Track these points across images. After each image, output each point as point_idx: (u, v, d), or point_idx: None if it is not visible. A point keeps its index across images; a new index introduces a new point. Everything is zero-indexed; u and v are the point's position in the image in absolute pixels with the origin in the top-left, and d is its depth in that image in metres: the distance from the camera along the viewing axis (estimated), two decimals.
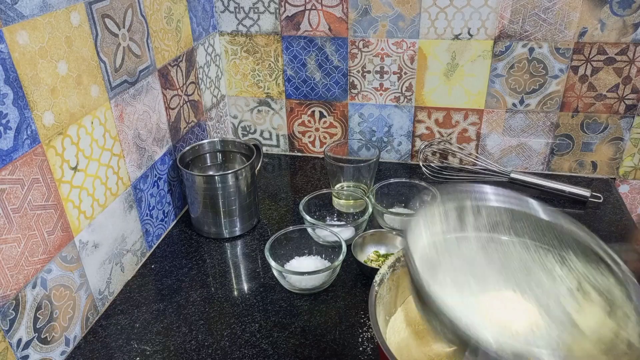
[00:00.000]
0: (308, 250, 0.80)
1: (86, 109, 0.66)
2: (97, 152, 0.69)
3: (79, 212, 0.66)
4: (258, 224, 0.91)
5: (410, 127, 1.05)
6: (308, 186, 1.02)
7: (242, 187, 0.84)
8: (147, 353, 0.66)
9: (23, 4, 0.54)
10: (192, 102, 0.95)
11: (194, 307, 0.73)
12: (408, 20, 0.94)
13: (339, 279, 0.77)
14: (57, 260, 0.63)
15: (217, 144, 0.93)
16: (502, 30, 0.92)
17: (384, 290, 0.55)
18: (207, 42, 0.99)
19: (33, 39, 0.56)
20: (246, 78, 1.08)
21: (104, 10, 0.67)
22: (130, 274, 0.79)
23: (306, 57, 1.03)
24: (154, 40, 0.80)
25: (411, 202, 0.91)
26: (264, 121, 1.12)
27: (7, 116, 0.53)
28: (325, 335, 0.68)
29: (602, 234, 0.85)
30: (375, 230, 0.83)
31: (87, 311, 0.70)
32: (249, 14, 1.00)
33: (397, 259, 0.58)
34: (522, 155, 1.03)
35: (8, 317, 0.56)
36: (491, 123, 1.01)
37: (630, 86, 0.92)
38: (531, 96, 0.97)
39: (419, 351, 0.59)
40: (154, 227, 0.85)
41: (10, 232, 0.55)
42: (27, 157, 0.56)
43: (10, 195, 0.55)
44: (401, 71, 1.00)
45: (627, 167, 1.00)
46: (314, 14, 0.98)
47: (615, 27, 0.88)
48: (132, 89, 0.75)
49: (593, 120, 0.97)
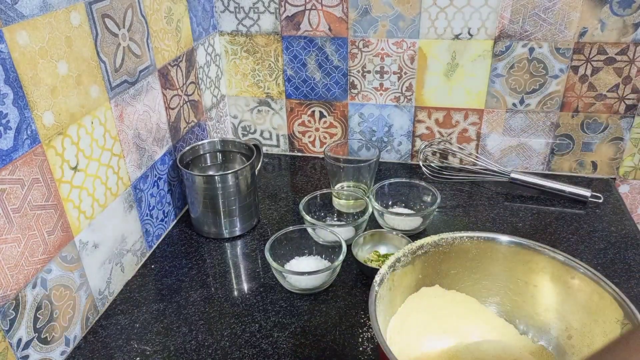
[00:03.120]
0: (308, 250, 0.80)
1: (86, 109, 0.66)
2: (97, 152, 0.69)
3: (79, 212, 0.66)
4: (258, 224, 0.91)
5: (410, 127, 1.05)
6: (308, 186, 1.01)
7: (242, 187, 0.84)
8: (147, 353, 0.66)
9: (23, 4, 0.54)
10: (192, 102, 0.95)
11: (194, 307, 0.73)
12: (408, 20, 0.94)
13: (339, 279, 0.77)
14: (57, 260, 0.63)
15: (217, 144, 0.93)
16: (502, 30, 0.92)
17: (384, 290, 0.55)
18: (207, 42, 0.99)
19: (33, 39, 0.56)
20: (246, 78, 1.08)
21: (104, 10, 0.67)
22: (130, 274, 0.79)
23: (306, 57, 1.03)
24: (154, 40, 0.80)
25: (411, 202, 0.91)
26: (264, 121, 1.12)
27: (7, 116, 0.53)
28: (325, 335, 0.68)
29: (602, 234, 0.86)
30: (375, 230, 0.83)
31: (87, 311, 0.70)
32: (249, 14, 1.00)
33: (397, 259, 0.58)
34: (522, 155, 1.03)
35: (8, 317, 0.56)
36: (491, 123, 1.01)
37: (630, 86, 0.92)
38: (531, 96, 0.97)
39: (420, 351, 0.59)
40: (154, 227, 0.85)
41: (10, 232, 0.55)
42: (27, 157, 0.56)
43: (10, 195, 0.55)
44: (401, 71, 1.00)
45: (627, 167, 1.00)
46: (314, 14, 0.98)
47: (616, 27, 0.88)
48: (132, 89, 0.75)
49: (593, 120, 0.97)
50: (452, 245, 0.61)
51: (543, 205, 0.94)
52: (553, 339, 0.59)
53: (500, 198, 0.96)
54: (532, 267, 0.60)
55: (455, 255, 0.62)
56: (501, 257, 0.61)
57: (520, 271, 0.61)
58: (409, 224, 0.85)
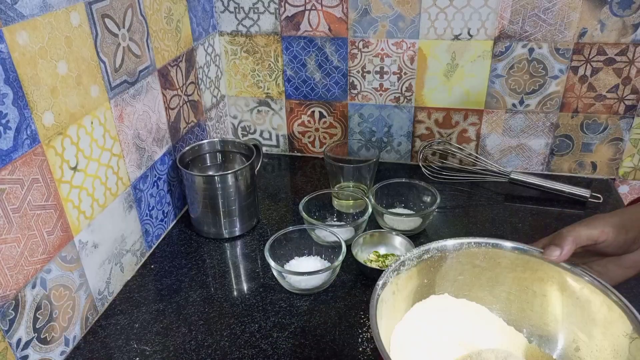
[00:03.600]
0: (308, 250, 0.80)
1: (86, 109, 0.66)
2: (97, 152, 0.69)
3: (79, 212, 0.66)
4: (258, 224, 0.91)
5: (410, 127, 1.05)
6: (308, 186, 1.01)
7: (242, 187, 0.84)
8: (146, 353, 0.66)
9: (23, 4, 0.54)
10: (192, 102, 0.95)
11: (193, 307, 0.73)
12: (408, 20, 0.94)
13: (339, 279, 0.77)
14: (56, 260, 0.63)
15: (217, 144, 0.93)
16: (502, 31, 0.92)
17: (388, 293, 0.54)
18: (207, 42, 0.99)
19: (33, 39, 0.56)
20: (246, 78, 1.08)
21: (104, 10, 0.67)
22: (130, 274, 0.79)
23: (306, 58, 1.03)
24: (153, 40, 0.80)
25: (411, 202, 0.91)
26: (263, 121, 1.12)
27: (7, 116, 0.53)
28: (325, 335, 0.68)
29: None
30: (375, 231, 0.83)
31: (87, 311, 0.70)
32: (249, 14, 1.00)
33: (402, 262, 0.56)
34: (522, 156, 1.03)
35: (8, 317, 0.56)
36: (491, 123, 1.01)
37: (629, 87, 0.92)
38: (531, 97, 0.97)
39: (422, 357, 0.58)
40: (154, 227, 0.85)
41: (10, 232, 0.55)
42: (27, 157, 0.56)
43: (10, 195, 0.55)
44: (401, 71, 1.00)
45: (627, 168, 1.00)
46: (313, 14, 0.98)
47: (615, 28, 0.88)
48: (132, 89, 0.75)
49: (593, 120, 0.97)
50: (459, 250, 0.60)
51: (542, 205, 0.94)
52: (560, 350, 0.58)
53: (500, 198, 0.96)
54: (541, 276, 0.58)
55: (462, 261, 0.60)
56: (509, 264, 0.60)
57: (529, 279, 0.59)
58: (408, 224, 0.86)
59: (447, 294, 0.61)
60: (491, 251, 0.59)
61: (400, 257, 0.57)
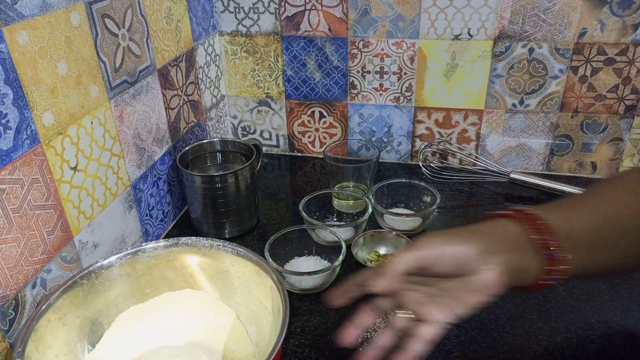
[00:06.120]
0: (308, 250, 0.80)
1: (86, 109, 0.66)
2: (97, 152, 0.69)
3: (79, 212, 0.66)
4: (258, 224, 0.91)
5: (410, 127, 1.05)
6: (308, 186, 1.01)
7: (242, 187, 0.84)
8: None
9: (23, 4, 0.54)
10: (192, 102, 0.95)
11: None
12: (408, 20, 0.95)
13: (339, 279, 0.77)
14: (56, 260, 0.63)
15: (217, 144, 0.93)
16: (502, 31, 0.92)
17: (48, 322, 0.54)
18: (207, 42, 0.99)
19: (33, 39, 0.56)
20: (246, 78, 1.08)
21: (104, 10, 0.67)
22: None
23: (306, 57, 1.03)
24: (153, 40, 0.80)
25: (411, 202, 0.91)
26: (263, 121, 1.12)
27: (7, 116, 0.53)
28: (325, 335, 0.68)
29: None
30: (375, 231, 0.83)
31: None
32: (249, 14, 1.00)
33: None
34: (522, 156, 1.03)
35: (8, 317, 0.56)
36: (491, 123, 1.01)
37: (630, 87, 0.92)
38: (531, 96, 0.97)
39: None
40: (154, 227, 0.85)
41: (10, 232, 0.55)
42: (27, 157, 0.56)
43: (10, 195, 0.55)
44: (401, 71, 1.00)
45: (627, 168, 1.00)
46: (313, 14, 0.98)
47: (615, 28, 0.88)
48: (132, 89, 0.75)
49: (593, 120, 0.97)
50: (109, 270, 0.61)
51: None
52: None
53: (500, 198, 0.96)
54: (175, 264, 0.62)
55: (117, 279, 0.62)
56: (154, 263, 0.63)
57: (178, 276, 0.63)
58: (408, 225, 0.86)
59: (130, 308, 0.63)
60: (133, 259, 0.62)
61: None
